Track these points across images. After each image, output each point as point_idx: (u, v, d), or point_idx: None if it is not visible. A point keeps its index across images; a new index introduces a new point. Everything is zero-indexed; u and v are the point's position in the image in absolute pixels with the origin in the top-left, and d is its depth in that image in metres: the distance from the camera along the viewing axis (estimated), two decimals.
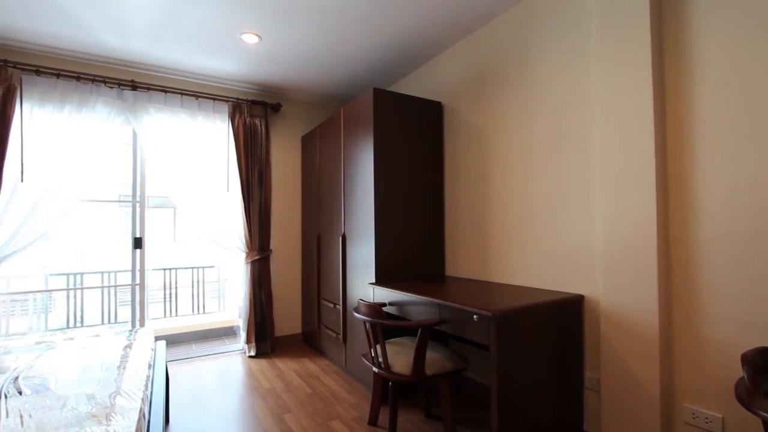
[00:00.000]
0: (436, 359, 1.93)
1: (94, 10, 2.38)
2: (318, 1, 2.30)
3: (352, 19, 2.50)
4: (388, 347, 2.09)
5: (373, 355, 2.02)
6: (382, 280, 2.59)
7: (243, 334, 3.51)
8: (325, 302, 3.31)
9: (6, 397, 1.38)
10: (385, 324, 1.87)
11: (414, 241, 2.74)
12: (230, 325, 4.23)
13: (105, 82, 3.00)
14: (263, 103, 3.60)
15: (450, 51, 2.90)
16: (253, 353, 3.46)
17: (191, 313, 5.20)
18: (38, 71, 2.78)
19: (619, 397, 1.81)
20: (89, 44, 2.81)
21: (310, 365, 3.23)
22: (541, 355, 1.80)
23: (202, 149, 3.35)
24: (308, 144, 3.74)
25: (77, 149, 2.90)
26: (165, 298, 5.12)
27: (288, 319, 3.86)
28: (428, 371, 1.88)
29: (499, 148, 2.49)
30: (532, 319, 1.78)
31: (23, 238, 2.74)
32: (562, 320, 1.91)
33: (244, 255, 3.49)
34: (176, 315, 5.11)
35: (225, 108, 3.47)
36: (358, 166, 2.78)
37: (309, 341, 3.74)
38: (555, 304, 1.88)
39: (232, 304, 3.78)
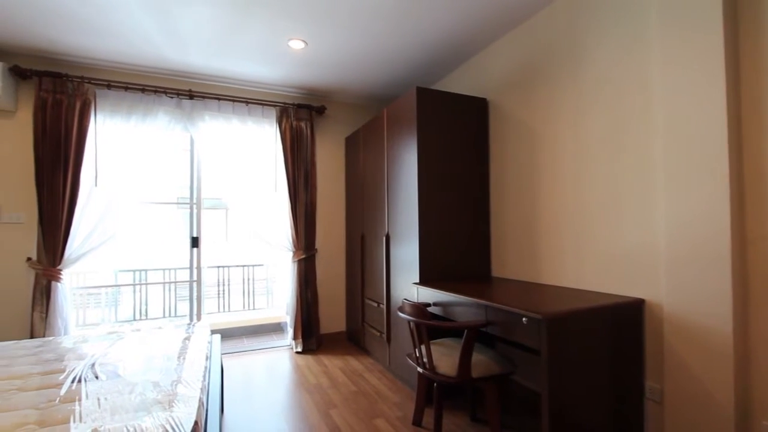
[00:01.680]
0: (482, 361, 1.89)
1: (157, 29, 2.57)
2: (363, 4, 2.33)
3: (396, 20, 2.51)
4: (432, 348, 2.07)
5: (417, 355, 2.02)
6: (426, 280, 2.57)
7: (290, 331, 3.63)
8: (369, 301, 3.35)
9: (85, 381, 1.52)
10: (429, 324, 1.85)
11: (459, 241, 2.70)
12: (278, 321, 4.39)
13: (166, 93, 3.23)
14: (308, 107, 3.70)
15: (496, 45, 2.82)
16: (299, 349, 3.56)
17: (242, 309, 5.47)
18: (109, 85, 3.05)
19: (686, 410, 1.67)
20: (153, 59, 3.04)
21: (355, 363, 3.27)
22: (596, 362, 1.70)
23: (251, 152, 3.51)
24: (352, 145, 3.80)
25: (141, 155, 3.15)
26: (219, 294, 5.43)
27: (333, 317, 3.95)
28: (474, 373, 1.84)
29: (550, 144, 2.38)
30: (587, 324, 1.69)
31: (97, 237, 3.01)
32: (620, 325, 1.79)
33: (291, 254, 3.61)
34: (229, 310, 5.40)
35: (273, 112, 3.61)
36: (401, 165, 2.78)
37: (353, 339, 3.80)
38: (612, 308, 1.77)
39: (279, 301, 3.92)
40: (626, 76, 1.95)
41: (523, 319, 1.67)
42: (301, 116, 3.69)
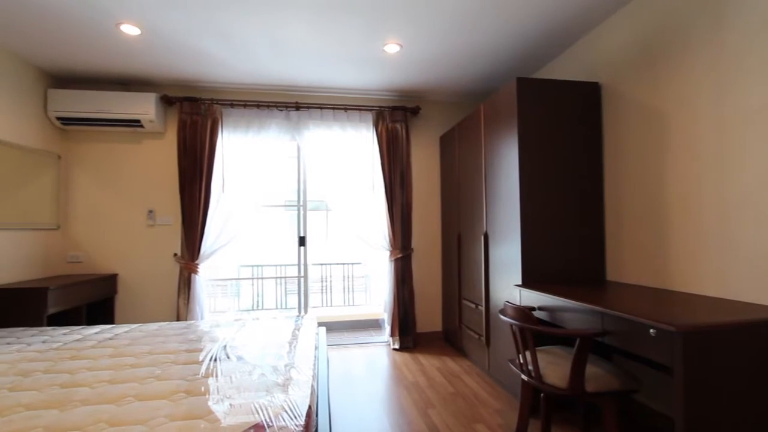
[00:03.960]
0: (598, 375, 1.70)
1: (269, 52, 2.86)
2: (457, 1, 2.30)
3: (494, 12, 2.41)
4: (538, 355, 1.93)
5: (521, 361, 1.90)
6: (529, 282, 2.41)
7: (388, 328, 3.73)
8: (467, 302, 3.27)
9: (219, 360, 1.76)
10: (536, 330, 1.73)
11: (566, 240, 2.48)
12: (376, 318, 4.54)
13: (276, 107, 3.58)
14: (403, 108, 3.77)
15: (609, 22, 2.53)
16: (396, 346, 3.64)
17: (342, 304, 5.80)
18: (232, 104, 3.49)
19: None
20: (266, 77, 3.40)
21: (452, 364, 3.23)
22: (751, 389, 1.41)
23: (350, 156, 3.71)
24: (447, 143, 3.76)
25: (257, 164, 3.54)
26: (322, 289, 5.84)
27: (429, 316, 3.95)
28: (588, 387, 1.67)
29: (682, 127, 2.05)
30: (737, 341, 1.40)
31: (224, 236, 3.47)
32: None
33: (388, 253, 3.71)
34: (331, 305, 5.77)
35: (369, 117, 3.76)
36: (501, 161, 2.66)
37: (450, 340, 3.75)
38: None
39: (376, 298, 4.06)
40: None
41: (651, 330, 1.45)
42: (396, 118, 3.77)
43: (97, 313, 3.42)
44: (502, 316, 1.96)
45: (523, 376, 1.89)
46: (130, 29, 2.57)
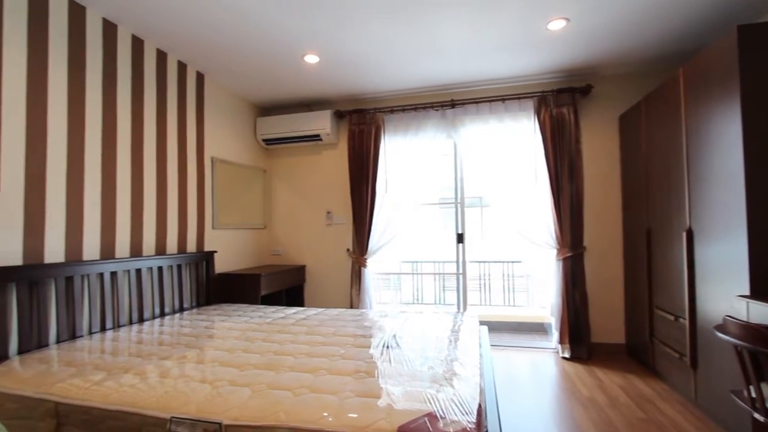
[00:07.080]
0: None
1: (428, 53, 2.96)
2: None
3: None
4: None
5: (752, 395, 1.46)
6: (761, 291, 1.84)
7: (555, 333, 3.40)
8: (661, 312, 2.70)
9: (390, 347, 1.91)
10: None
11: None
12: (540, 321, 4.20)
13: (432, 107, 3.68)
14: (570, 90, 3.36)
15: None
16: (566, 355, 3.28)
17: (502, 304, 5.56)
18: (392, 110, 3.75)
19: None
20: (423, 80, 3.53)
21: (640, 385, 2.73)
22: None
23: (509, 148, 3.52)
24: (629, 123, 3.19)
25: (415, 164, 3.70)
26: (480, 287, 5.73)
27: (607, 325, 3.43)
28: None
29: None
30: None
31: (387, 234, 3.75)
32: None
33: (554, 252, 3.38)
34: (489, 304, 5.60)
35: (530, 104, 3.49)
36: (711, 137, 2.11)
37: (635, 355, 3.17)
38: None
39: (541, 300, 3.74)
40: None
41: None
42: (561, 102, 3.40)
43: (291, 297, 4.15)
44: (721, 335, 1.55)
45: (757, 416, 1.45)
46: (311, 58, 3.03)
